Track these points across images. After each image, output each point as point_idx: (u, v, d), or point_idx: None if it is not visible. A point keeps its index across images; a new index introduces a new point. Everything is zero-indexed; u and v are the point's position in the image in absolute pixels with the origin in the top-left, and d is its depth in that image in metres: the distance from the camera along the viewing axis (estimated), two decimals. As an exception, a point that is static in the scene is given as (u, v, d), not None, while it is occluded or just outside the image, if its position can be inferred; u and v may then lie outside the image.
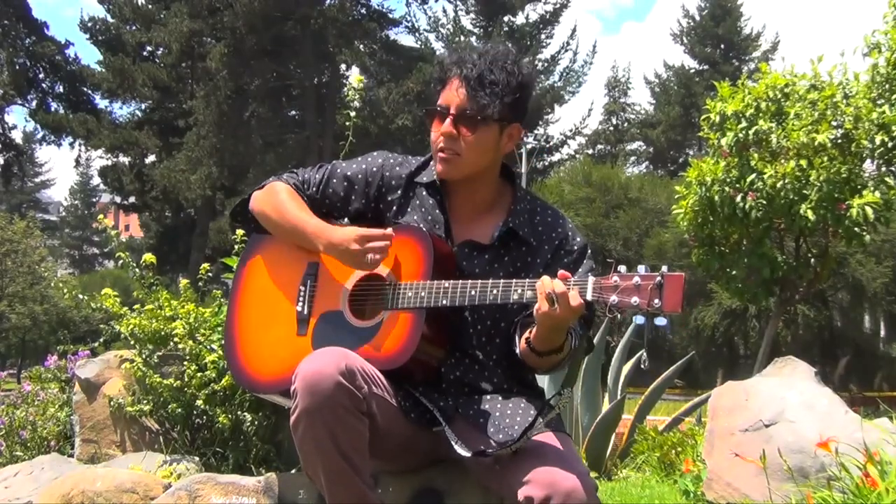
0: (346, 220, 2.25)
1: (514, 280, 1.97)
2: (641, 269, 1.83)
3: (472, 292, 1.97)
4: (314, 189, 2.23)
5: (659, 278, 1.79)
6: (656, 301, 1.79)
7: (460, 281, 2.00)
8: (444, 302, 1.99)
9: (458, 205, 2.19)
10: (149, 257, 3.28)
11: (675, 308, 1.77)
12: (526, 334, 2.02)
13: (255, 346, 2.18)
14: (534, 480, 1.85)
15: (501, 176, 2.22)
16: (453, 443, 1.95)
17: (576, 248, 2.15)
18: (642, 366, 6.00)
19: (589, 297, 1.84)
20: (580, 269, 2.10)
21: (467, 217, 2.18)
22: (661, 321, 1.82)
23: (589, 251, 2.18)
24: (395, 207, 2.19)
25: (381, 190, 2.21)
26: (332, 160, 2.36)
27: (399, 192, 2.20)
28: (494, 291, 1.96)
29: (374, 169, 2.22)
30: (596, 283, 1.85)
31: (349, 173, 2.23)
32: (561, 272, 1.89)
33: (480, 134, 2.09)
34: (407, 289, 2.02)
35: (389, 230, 2.05)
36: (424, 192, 2.19)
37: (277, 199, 2.20)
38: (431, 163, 2.19)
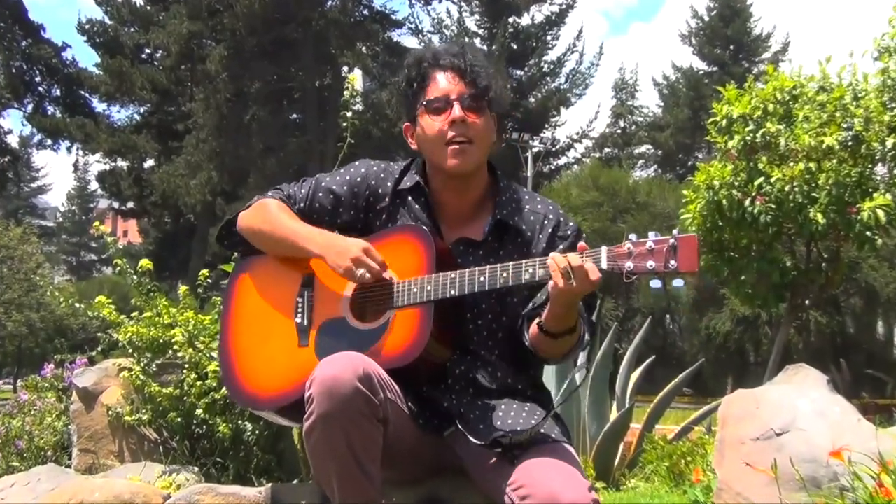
0: (335, 231, 2.22)
1: (524, 260, 1.95)
2: (652, 234, 1.84)
3: (482, 278, 1.95)
4: (302, 204, 2.23)
5: (672, 240, 1.80)
6: (672, 262, 1.78)
7: (467, 269, 1.97)
8: (453, 292, 1.96)
9: (446, 204, 2.18)
10: (145, 263, 3.26)
11: (692, 267, 1.77)
12: (537, 319, 2.00)
13: (253, 363, 2.14)
14: (533, 494, 1.84)
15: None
16: (467, 434, 1.95)
17: (570, 232, 2.15)
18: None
19: (604, 266, 1.84)
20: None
21: (457, 216, 2.17)
22: (677, 283, 1.82)
23: (584, 234, 2.17)
24: (384, 216, 2.19)
25: (370, 199, 2.20)
26: (334, 164, 2.35)
27: (386, 199, 2.20)
28: (504, 275, 1.93)
29: (359, 179, 2.22)
30: (609, 252, 1.85)
31: (334, 187, 2.22)
32: (580, 244, 1.89)
33: (485, 120, 2.12)
34: (412, 285, 2.00)
35: (387, 274, 2.02)
36: (410, 198, 2.18)
37: (268, 211, 2.20)
38: (412, 167, 2.21)
